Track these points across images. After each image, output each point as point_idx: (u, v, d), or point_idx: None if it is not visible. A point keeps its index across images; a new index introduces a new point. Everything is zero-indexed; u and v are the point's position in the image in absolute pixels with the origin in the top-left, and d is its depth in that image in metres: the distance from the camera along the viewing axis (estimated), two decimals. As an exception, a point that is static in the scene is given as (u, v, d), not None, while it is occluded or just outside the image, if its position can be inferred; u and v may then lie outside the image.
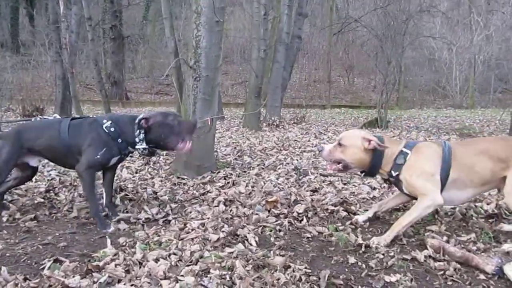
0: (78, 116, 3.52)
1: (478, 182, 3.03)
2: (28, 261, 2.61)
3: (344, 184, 4.62)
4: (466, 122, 13.06)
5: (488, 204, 3.72)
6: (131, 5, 19.21)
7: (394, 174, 3.06)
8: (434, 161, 2.99)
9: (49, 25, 11.65)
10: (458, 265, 2.58)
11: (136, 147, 3.25)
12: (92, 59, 9.89)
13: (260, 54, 9.56)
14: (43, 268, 2.47)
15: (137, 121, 3.22)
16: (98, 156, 3.16)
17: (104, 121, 3.24)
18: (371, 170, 3.13)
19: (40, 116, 3.72)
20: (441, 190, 2.96)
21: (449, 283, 2.43)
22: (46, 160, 3.69)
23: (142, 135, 3.23)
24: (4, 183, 3.47)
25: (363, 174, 3.21)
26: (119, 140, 3.23)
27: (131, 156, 5.78)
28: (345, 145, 3.10)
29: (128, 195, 3.96)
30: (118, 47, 19.01)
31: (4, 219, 3.34)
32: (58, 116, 3.65)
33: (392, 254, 2.75)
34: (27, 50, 22.56)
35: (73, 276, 2.31)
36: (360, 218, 3.36)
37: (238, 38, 25.27)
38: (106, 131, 3.20)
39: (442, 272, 2.52)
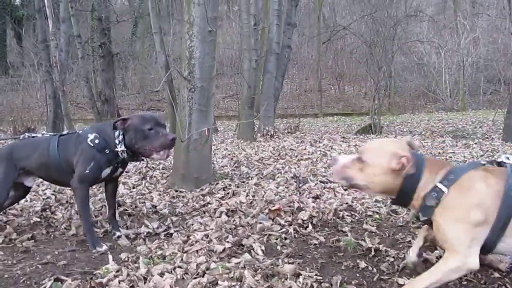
0: (65, 132, 3.40)
1: None
2: (28, 282, 2.51)
3: (345, 189, 4.55)
4: (459, 125, 13.13)
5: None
6: (120, 22, 19.18)
7: (421, 217, 2.18)
8: (484, 205, 2.03)
9: (38, 44, 11.57)
10: (472, 265, 2.52)
11: (116, 149, 3.06)
12: (83, 77, 9.82)
13: (252, 64, 9.55)
14: (44, 288, 2.37)
15: (114, 121, 3.09)
16: (88, 171, 3.04)
17: (89, 135, 3.10)
18: (400, 199, 2.26)
19: (28, 134, 3.59)
20: (497, 239, 2.04)
21: (464, 283, 2.37)
22: (41, 180, 3.61)
23: (120, 137, 3.05)
24: None
25: (391, 201, 2.36)
26: (107, 151, 3.08)
27: (127, 172, 5.71)
28: (366, 161, 2.22)
29: (127, 210, 3.88)
30: (108, 65, 18.91)
31: (0, 240, 3.23)
32: (45, 133, 3.55)
33: (402, 256, 2.69)
34: (16, 72, 22.45)
35: (76, 295, 2.22)
36: (411, 251, 2.52)
37: (228, 50, 25.33)
38: (91, 144, 3.06)
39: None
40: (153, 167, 5.96)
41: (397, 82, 22.55)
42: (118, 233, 3.30)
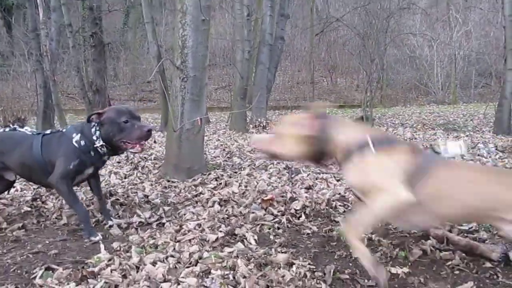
0: (49, 131, 3.35)
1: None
2: (18, 271, 2.48)
3: (338, 180, 4.56)
4: (450, 118, 13.19)
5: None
6: (111, 12, 18.96)
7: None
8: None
9: (28, 34, 11.42)
10: (464, 254, 2.53)
11: (95, 145, 3.03)
12: (74, 66, 9.72)
13: (245, 55, 9.51)
14: (35, 277, 2.34)
15: (88, 115, 3.06)
16: (71, 166, 3.00)
17: (74, 135, 3.06)
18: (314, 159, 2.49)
19: (8, 127, 3.51)
20: None
21: (456, 272, 2.38)
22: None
23: (98, 132, 3.03)
24: None
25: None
26: (92, 153, 3.06)
27: (118, 162, 5.67)
28: (279, 133, 2.51)
29: (119, 200, 3.84)
30: (99, 55, 18.66)
31: (-10, 229, 3.20)
32: (28, 129, 3.45)
33: (395, 246, 2.69)
34: (5, 61, 22.17)
35: (68, 284, 2.20)
36: None
37: (220, 41, 25.18)
38: (77, 145, 3.03)
39: (448, 262, 2.47)
40: (145, 157, 5.93)
41: (389, 75, 22.58)
42: (110, 222, 3.27)
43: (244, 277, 2.18)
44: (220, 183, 4.45)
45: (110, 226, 3.23)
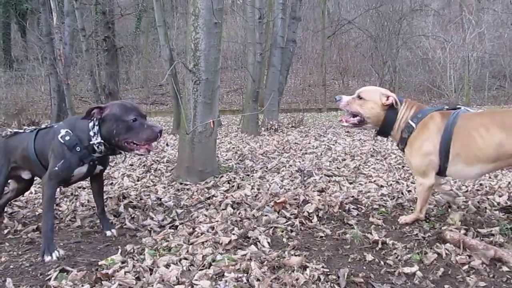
0: (43, 126, 3.22)
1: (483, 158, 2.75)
2: (33, 273, 2.50)
3: (350, 183, 4.54)
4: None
5: (500, 196, 3.66)
6: (124, 16, 19.12)
7: (400, 146, 3.08)
8: (433, 139, 2.85)
9: (42, 38, 11.57)
10: (480, 258, 2.50)
11: (91, 142, 2.79)
12: (87, 70, 9.82)
13: (257, 58, 9.49)
14: (50, 279, 2.36)
15: (88, 109, 2.79)
16: (56, 168, 2.81)
17: (61, 130, 2.86)
18: (383, 129, 3.09)
19: (10, 130, 3.44)
20: (444, 165, 2.86)
21: (472, 276, 2.34)
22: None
23: (96, 128, 2.77)
24: (3, 195, 3.38)
25: (376, 132, 3.18)
26: (77, 149, 2.82)
27: (131, 165, 5.70)
28: (364, 98, 3.07)
29: (132, 202, 3.86)
30: (111, 58, 18.85)
31: (6, 231, 3.23)
32: (27, 129, 3.35)
33: (409, 249, 2.67)
34: (20, 65, 22.44)
35: (82, 285, 2.21)
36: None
37: (232, 44, 25.23)
38: (62, 141, 2.82)
39: (465, 266, 2.44)
40: (157, 160, 5.96)
41: (402, 77, 22.40)
42: (108, 233, 3.15)
43: (258, 280, 2.18)
44: (233, 186, 4.46)
45: (121, 227, 3.23)
